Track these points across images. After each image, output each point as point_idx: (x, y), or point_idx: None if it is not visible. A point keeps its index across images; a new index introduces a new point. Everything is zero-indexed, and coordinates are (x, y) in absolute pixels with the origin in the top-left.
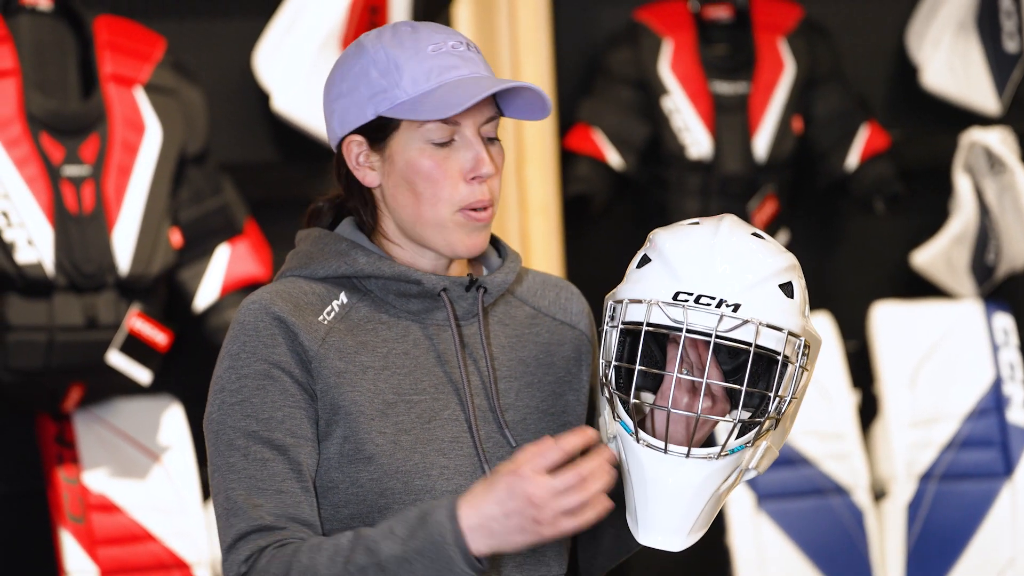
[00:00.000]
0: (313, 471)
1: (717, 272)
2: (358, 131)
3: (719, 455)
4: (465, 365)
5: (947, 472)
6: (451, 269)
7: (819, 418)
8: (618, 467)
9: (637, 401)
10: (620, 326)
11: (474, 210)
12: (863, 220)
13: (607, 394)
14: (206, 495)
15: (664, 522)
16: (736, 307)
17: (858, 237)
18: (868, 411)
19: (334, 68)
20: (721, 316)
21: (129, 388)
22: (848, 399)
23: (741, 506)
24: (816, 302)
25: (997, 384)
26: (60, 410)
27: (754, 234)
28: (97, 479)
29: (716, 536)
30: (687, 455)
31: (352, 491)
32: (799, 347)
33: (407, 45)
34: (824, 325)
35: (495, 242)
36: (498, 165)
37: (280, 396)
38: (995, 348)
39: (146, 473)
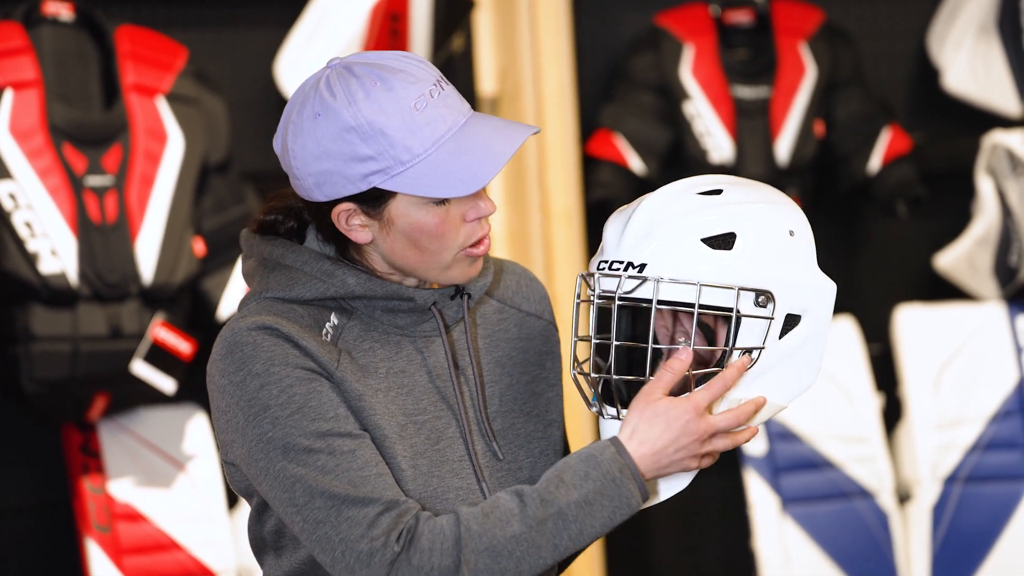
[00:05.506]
0: None
1: (629, 237)
2: (348, 198)
3: (618, 415)
4: (458, 381)
5: (972, 474)
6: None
7: (843, 421)
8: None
9: (576, 371)
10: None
11: (474, 245)
12: (886, 223)
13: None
14: (231, 503)
15: None
16: (642, 267)
17: (881, 240)
18: (892, 414)
19: (300, 128)
20: (620, 279)
21: (154, 397)
22: (872, 402)
23: (766, 510)
24: (839, 306)
25: (1021, 386)
26: (85, 420)
27: (701, 192)
28: (122, 488)
29: (742, 540)
30: (600, 414)
31: None
32: (753, 296)
33: (388, 109)
34: (848, 328)
35: None
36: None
37: (334, 394)
38: (1019, 350)
39: (171, 482)
